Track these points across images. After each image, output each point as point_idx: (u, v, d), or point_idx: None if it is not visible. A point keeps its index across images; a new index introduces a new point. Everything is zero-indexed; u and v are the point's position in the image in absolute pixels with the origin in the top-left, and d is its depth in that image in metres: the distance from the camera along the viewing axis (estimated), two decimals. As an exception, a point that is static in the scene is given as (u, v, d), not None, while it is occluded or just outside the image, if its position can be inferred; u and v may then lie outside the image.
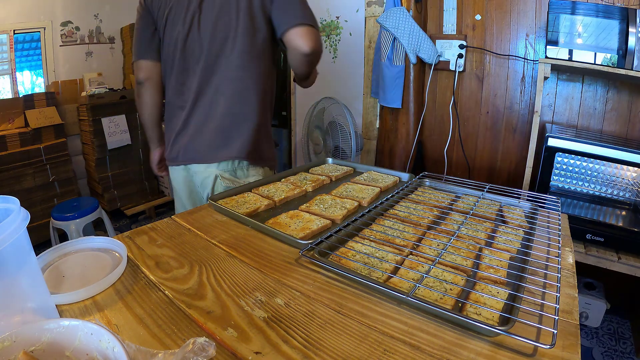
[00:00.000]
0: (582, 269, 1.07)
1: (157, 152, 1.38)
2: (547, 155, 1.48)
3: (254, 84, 1.11)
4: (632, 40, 1.41)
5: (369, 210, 0.92)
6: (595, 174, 1.62)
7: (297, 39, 1.02)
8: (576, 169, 1.65)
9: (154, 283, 0.64)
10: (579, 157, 1.60)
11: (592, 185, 1.64)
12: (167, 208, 3.18)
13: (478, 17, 1.90)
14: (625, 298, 1.83)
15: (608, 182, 1.61)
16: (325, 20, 2.47)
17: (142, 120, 1.30)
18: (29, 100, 2.47)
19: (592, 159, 1.55)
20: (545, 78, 1.53)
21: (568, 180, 1.68)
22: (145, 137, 1.43)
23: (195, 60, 1.08)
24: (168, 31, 1.09)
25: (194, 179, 1.21)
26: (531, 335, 0.51)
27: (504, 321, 0.52)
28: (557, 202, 0.99)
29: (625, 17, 1.42)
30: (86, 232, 2.23)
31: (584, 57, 1.52)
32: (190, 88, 1.11)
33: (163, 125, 1.28)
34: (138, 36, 1.14)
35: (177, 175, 1.27)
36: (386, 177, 1.23)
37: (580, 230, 1.41)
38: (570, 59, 1.54)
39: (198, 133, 1.13)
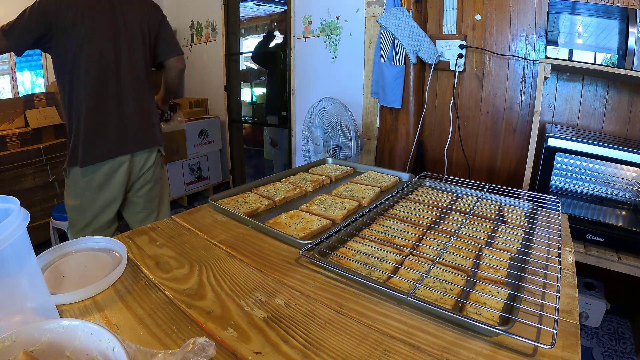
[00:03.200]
0: (582, 269, 1.07)
1: None
2: (547, 155, 1.47)
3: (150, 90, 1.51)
4: (632, 40, 1.41)
5: (369, 210, 0.92)
6: (595, 174, 1.62)
7: (177, 63, 1.56)
8: (576, 169, 1.65)
9: (154, 283, 0.63)
10: (579, 157, 1.60)
11: (592, 185, 1.64)
12: (167, 208, 3.19)
13: (478, 17, 1.90)
14: (625, 298, 1.83)
15: (608, 182, 1.61)
16: (325, 20, 2.47)
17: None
18: (29, 100, 2.46)
19: (592, 159, 1.54)
20: (545, 78, 1.53)
21: (568, 180, 1.68)
22: None
23: (112, 72, 1.35)
24: (81, 44, 1.28)
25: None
26: (531, 335, 0.51)
27: (504, 321, 0.52)
28: (557, 202, 0.99)
29: (625, 17, 1.42)
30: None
31: (584, 57, 1.52)
32: (111, 95, 1.37)
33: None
34: (25, 32, 1.24)
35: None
36: (386, 177, 1.23)
37: (580, 230, 1.41)
38: (570, 59, 1.53)
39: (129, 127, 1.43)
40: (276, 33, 3.24)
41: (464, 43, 1.93)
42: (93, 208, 1.43)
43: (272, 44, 3.25)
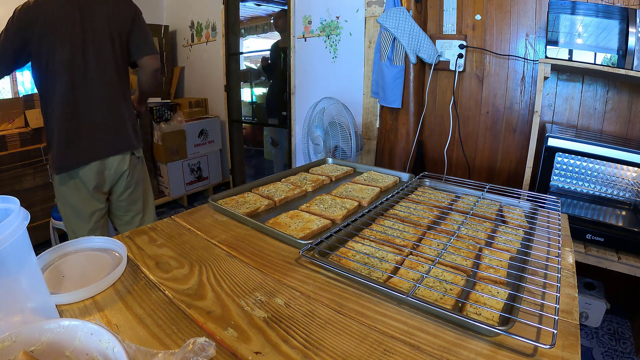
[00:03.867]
0: (582, 269, 1.07)
1: None
2: (547, 155, 1.47)
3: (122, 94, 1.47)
4: (632, 40, 1.41)
5: (369, 210, 0.92)
6: (595, 174, 1.62)
7: (150, 62, 1.49)
8: (576, 169, 1.65)
9: (154, 283, 0.63)
10: (579, 157, 1.60)
11: (592, 185, 1.64)
12: (167, 208, 3.19)
13: (478, 17, 1.90)
14: (625, 298, 1.83)
15: (608, 182, 1.61)
16: (325, 20, 2.47)
17: None
18: (29, 100, 2.46)
19: (592, 159, 1.54)
20: (545, 78, 1.53)
21: (568, 180, 1.68)
22: (145, 137, 1.61)
23: (81, 78, 1.34)
24: (53, 52, 1.28)
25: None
26: (531, 335, 0.51)
27: (504, 321, 0.52)
28: (557, 202, 0.99)
29: (625, 17, 1.42)
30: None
31: (584, 57, 1.52)
32: (81, 101, 1.35)
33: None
34: (4, 51, 1.27)
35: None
36: (386, 177, 1.23)
37: (580, 230, 1.41)
38: (570, 59, 1.53)
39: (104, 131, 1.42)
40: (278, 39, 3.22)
41: (464, 43, 1.93)
42: (77, 215, 1.44)
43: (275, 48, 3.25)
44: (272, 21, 3.30)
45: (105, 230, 1.54)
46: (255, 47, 5.01)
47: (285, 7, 2.72)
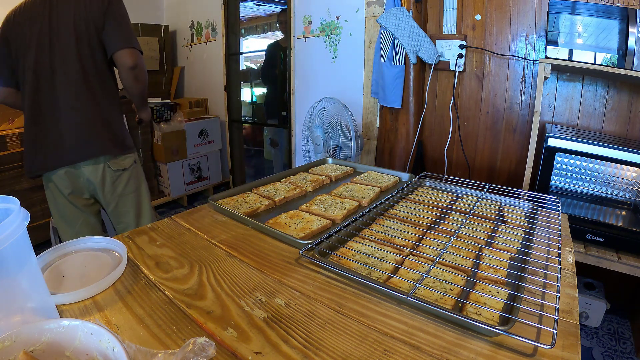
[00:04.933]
0: (582, 269, 1.07)
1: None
2: (547, 155, 1.47)
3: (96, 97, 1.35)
4: (632, 40, 1.41)
5: (369, 210, 0.92)
6: (595, 174, 1.62)
7: (124, 58, 1.31)
8: (576, 169, 1.65)
9: (154, 283, 0.63)
10: (579, 157, 1.60)
11: (592, 185, 1.64)
12: (168, 208, 3.19)
13: (478, 17, 1.90)
14: (625, 298, 1.83)
15: (608, 182, 1.61)
16: (325, 20, 2.47)
17: None
18: (29, 100, 2.46)
19: (592, 159, 1.54)
20: (545, 78, 1.53)
21: (568, 180, 1.68)
22: (145, 137, 1.52)
23: (47, 81, 1.27)
24: (23, 54, 1.26)
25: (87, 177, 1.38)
26: (531, 335, 0.51)
27: (504, 321, 0.52)
28: (557, 202, 0.99)
29: (625, 17, 1.42)
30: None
31: (584, 57, 1.52)
32: (47, 105, 1.29)
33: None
34: None
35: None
36: (386, 177, 1.23)
37: (580, 230, 1.41)
38: (570, 59, 1.53)
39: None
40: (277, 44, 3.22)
41: (464, 43, 1.93)
42: (61, 218, 1.44)
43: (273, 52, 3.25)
44: (277, 24, 3.29)
45: (93, 234, 1.51)
46: (255, 47, 5.01)
47: (285, 7, 2.73)
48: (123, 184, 1.43)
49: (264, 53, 3.34)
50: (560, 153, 1.47)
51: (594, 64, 1.49)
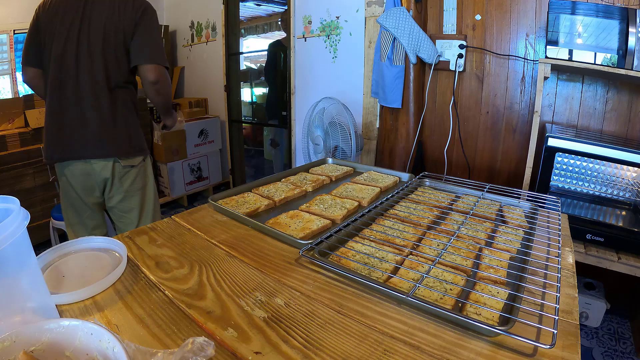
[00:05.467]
0: (582, 269, 1.07)
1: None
2: (547, 155, 1.47)
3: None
4: (632, 40, 1.41)
5: (369, 210, 0.92)
6: (595, 174, 1.62)
7: (147, 73, 1.35)
8: (576, 169, 1.65)
9: (154, 283, 0.63)
10: (579, 157, 1.60)
11: (592, 185, 1.64)
12: (168, 208, 3.19)
13: (478, 17, 1.90)
14: (625, 298, 1.83)
15: (608, 182, 1.61)
16: (325, 20, 2.47)
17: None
18: (29, 100, 2.46)
19: (592, 159, 1.54)
20: (545, 78, 1.53)
21: (568, 180, 1.68)
22: (145, 137, 1.64)
23: (71, 73, 1.30)
24: (50, 46, 1.30)
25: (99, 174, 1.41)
26: (531, 335, 0.51)
27: (504, 321, 0.52)
28: (557, 202, 0.99)
29: (625, 17, 1.42)
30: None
31: (584, 57, 1.52)
32: (68, 96, 1.32)
33: None
34: (27, 45, 1.35)
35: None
36: (386, 177, 1.23)
37: (580, 230, 1.41)
38: (570, 59, 1.53)
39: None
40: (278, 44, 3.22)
41: (464, 43, 1.93)
42: (70, 208, 1.46)
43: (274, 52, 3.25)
44: (279, 22, 3.29)
45: (98, 227, 1.53)
46: (255, 47, 5.02)
47: (285, 7, 2.73)
48: (130, 181, 1.46)
49: (263, 53, 3.35)
50: (560, 153, 1.47)
51: (594, 64, 1.49)
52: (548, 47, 1.56)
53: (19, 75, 2.84)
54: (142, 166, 1.49)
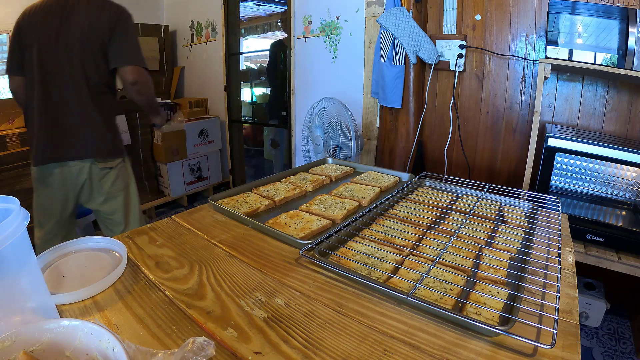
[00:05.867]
0: (582, 269, 1.07)
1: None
2: (547, 155, 1.47)
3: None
4: (632, 40, 1.41)
5: (369, 210, 0.92)
6: (595, 174, 1.62)
7: (127, 75, 1.37)
8: (576, 169, 1.65)
9: (154, 283, 0.63)
10: (579, 157, 1.60)
11: (592, 185, 1.64)
12: (168, 208, 3.19)
13: (478, 17, 1.90)
14: (625, 298, 1.83)
15: (608, 182, 1.61)
16: (325, 20, 2.47)
17: None
18: (29, 100, 2.46)
19: (592, 159, 1.54)
20: (545, 78, 1.53)
21: (568, 180, 1.68)
22: (145, 137, 1.56)
23: (52, 77, 1.33)
24: (30, 51, 1.32)
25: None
26: (531, 335, 0.51)
27: (504, 321, 0.52)
28: (557, 202, 0.99)
29: (625, 17, 1.42)
30: (86, 232, 2.22)
31: (584, 57, 1.52)
32: (47, 100, 1.34)
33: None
34: (10, 54, 1.38)
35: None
36: (386, 177, 1.23)
37: (580, 230, 1.41)
38: (570, 59, 1.53)
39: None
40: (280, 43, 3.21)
41: (464, 43, 1.93)
42: (39, 208, 1.45)
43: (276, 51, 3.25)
44: (279, 23, 3.29)
45: (67, 229, 1.52)
46: (255, 47, 5.02)
47: (285, 7, 2.73)
48: (110, 182, 1.47)
49: (263, 53, 3.35)
50: (560, 153, 1.47)
51: (594, 64, 1.49)
52: (548, 47, 1.56)
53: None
54: (122, 167, 1.50)
